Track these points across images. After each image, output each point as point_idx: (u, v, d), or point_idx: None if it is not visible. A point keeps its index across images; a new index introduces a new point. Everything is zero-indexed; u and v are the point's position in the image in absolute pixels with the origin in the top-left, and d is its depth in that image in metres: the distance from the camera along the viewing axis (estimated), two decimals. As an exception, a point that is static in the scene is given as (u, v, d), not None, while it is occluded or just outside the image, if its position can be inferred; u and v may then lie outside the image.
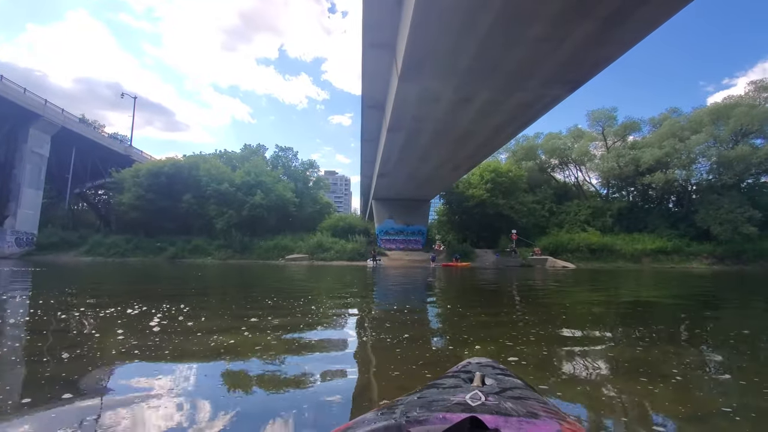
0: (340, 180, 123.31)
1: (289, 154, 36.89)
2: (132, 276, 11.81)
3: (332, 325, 4.08)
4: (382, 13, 8.83)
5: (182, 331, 3.34)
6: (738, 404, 1.95)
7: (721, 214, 25.66)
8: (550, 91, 10.12)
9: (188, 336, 3.20)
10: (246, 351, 2.79)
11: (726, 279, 13.85)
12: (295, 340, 3.21)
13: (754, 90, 29.00)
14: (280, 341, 3.10)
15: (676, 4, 6.67)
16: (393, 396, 1.91)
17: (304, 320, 4.12)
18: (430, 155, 16.70)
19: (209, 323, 3.79)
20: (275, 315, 4.29)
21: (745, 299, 7.70)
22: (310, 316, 4.44)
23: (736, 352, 3.11)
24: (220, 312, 4.70)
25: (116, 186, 30.60)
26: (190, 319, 3.95)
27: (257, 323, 3.77)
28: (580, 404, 1.91)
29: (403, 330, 3.58)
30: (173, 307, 4.58)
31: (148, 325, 3.52)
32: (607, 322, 4.59)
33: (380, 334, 3.42)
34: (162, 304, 4.79)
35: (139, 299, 5.33)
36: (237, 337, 3.19)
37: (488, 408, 0.66)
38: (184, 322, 3.77)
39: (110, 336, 3.12)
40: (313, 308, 5.09)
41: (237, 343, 3.00)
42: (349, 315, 4.76)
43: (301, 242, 26.38)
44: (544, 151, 35.73)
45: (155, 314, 4.05)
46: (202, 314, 4.35)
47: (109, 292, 7.13)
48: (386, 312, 5.07)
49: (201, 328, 3.53)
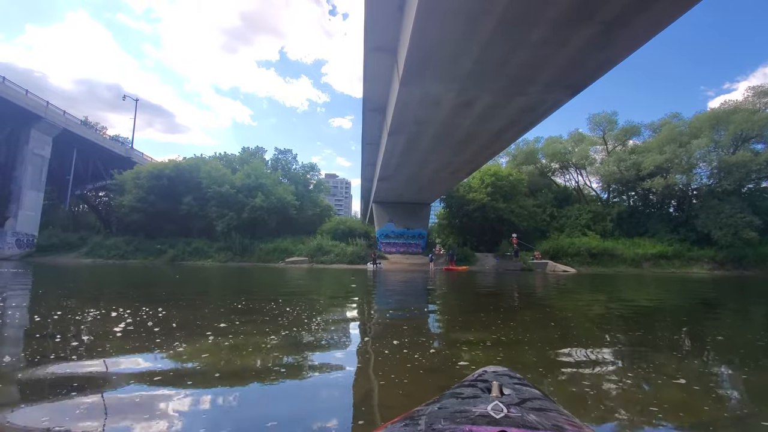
0: (340, 183, 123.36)
1: (288, 156, 36.92)
2: (118, 278, 11.79)
3: (331, 333, 4.05)
4: (383, 18, 8.85)
5: (145, 336, 3.33)
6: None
7: (722, 219, 25.58)
8: (552, 96, 10.13)
9: (151, 340, 3.18)
10: (245, 351, 2.78)
11: (727, 284, 13.81)
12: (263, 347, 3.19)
13: (753, 95, 28.93)
14: (274, 346, 3.09)
15: (677, 9, 6.69)
16: (399, 403, 1.90)
17: (292, 327, 4.11)
18: (431, 159, 16.71)
19: (209, 321, 3.78)
20: (267, 320, 4.27)
21: (745, 305, 7.67)
22: (286, 320, 4.42)
23: (740, 361, 3.10)
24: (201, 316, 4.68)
25: (117, 188, 30.60)
26: (162, 323, 3.95)
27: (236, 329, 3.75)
28: (596, 415, 1.89)
29: (403, 336, 3.56)
30: (148, 312, 4.57)
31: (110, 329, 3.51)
32: (612, 329, 4.58)
33: (381, 341, 3.40)
34: (141, 308, 4.78)
35: (113, 303, 5.32)
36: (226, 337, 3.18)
37: (513, 421, 0.66)
38: (152, 327, 3.75)
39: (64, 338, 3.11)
40: (302, 316, 5.07)
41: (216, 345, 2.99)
42: (350, 320, 4.74)
43: (302, 245, 26.34)
44: (545, 155, 35.69)
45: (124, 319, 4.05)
46: (176, 319, 4.33)
47: (86, 293, 7.12)
48: (386, 317, 5.06)
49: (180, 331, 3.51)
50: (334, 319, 4.62)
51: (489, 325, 4.35)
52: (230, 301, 6.03)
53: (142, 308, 4.69)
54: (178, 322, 3.93)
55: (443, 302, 7.21)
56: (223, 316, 4.57)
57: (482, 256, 26.30)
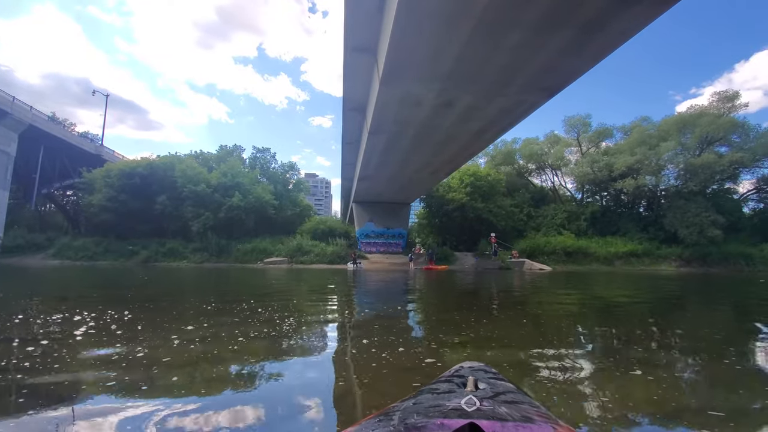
0: (320, 182, 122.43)
1: (266, 155, 36.39)
2: (83, 280, 11.35)
3: (304, 334, 4.00)
4: (363, 18, 8.81)
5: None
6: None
7: (688, 218, 26.79)
8: (529, 97, 10.33)
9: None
10: (222, 353, 2.71)
11: (692, 281, 14.44)
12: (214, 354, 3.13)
13: (717, 100, 30.46)
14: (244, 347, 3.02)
15: (648, 15, 6.93)
16: (377, 403, 1.88)
17: (263, 327, 4.04)
18: (411, 159, 16.77)
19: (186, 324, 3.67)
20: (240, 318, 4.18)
21: (708, 301, 8.04)
22: (258, 321, 4.35)
23: (705, 353, 3.23)
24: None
25: (86, 186, 29.31)
26: (126, 326, 3.82)
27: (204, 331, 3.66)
28: (566, 408, 1.93)
29: (380, 335, 3.55)
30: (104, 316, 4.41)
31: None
32: (585, 323, 4.70)
33: (360, 341, 3.38)
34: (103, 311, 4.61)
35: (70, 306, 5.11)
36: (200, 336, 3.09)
37: (484, 413, 0.67)
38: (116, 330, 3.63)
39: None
40: (274, 317, 5.00)
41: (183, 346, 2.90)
42: (326, 322, 4.69)
43: (281, 245, 25.97)
44: (522, 156, 36.52)
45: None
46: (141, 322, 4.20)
47: (49, 295, 6.82)
48: (363, 317, 5.03)
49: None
50: (308, 321, 4.51)
51: (466, 323, 4.39)
52: (200, 303, 5.84)
53: (108, 311, 4.52)
54: (143, 325, 3.80)
55: (421, 302, 7.24)
56: (192, 318, 4.43)
57: (461, 255, 26.62)
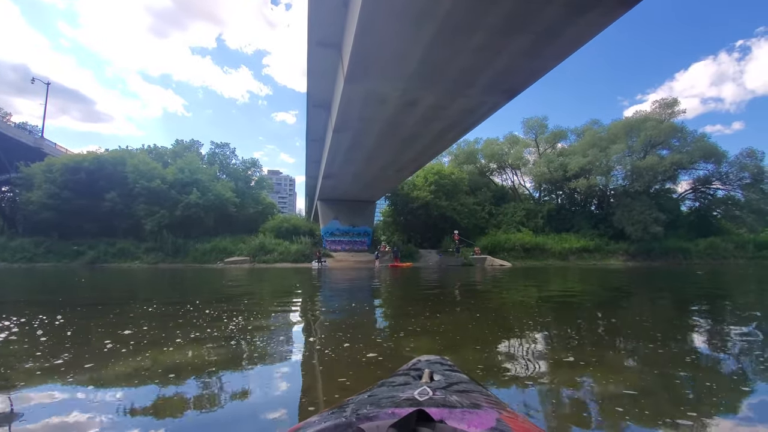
0: (284, 180, 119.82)
1: (226, 150, 35.06)
2: (15, 285, 10.50)
3: (256, 337, 3.90)
4: (328, 12, 8.70)
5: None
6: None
7: (633, 216, 28.86)
8: (490, 98, 10.64)
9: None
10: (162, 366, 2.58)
11: (637, 274, 15.51)
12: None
13: (659, 107, 33.16)
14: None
15: (600, 23, 7.32)
16: (339, 397, 1.86)
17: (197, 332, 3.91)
18: (376, 157, 16.78)
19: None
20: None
21: (650, 292, 8.68)
22: (204, 321, 4.22)
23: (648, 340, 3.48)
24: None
25: (24, 182, 26.90)
26: (53, 332, 3.59)
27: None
28: (517, 393, 2.01)
29: (346, 332, 3.53)
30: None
31: None
32: (543, 313, 4.92)
33: (324, 339, 3.34)
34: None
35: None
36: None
37: (435, 402, 0.69)
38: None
39: None
40: (222, 317, 4.87)
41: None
42: (293, 323, 4.61)
43: (242, 244, 25.15)
44: (484, 156, 37.67)
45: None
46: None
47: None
48: (330, 316, 4.99)
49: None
50: (257, 326, 4.10)
51: (427, 318, 4.46)
52: (145, 306, 5.51)
53: (38, 316, 4.20)
54: (74, 331, 3.57)
55: (386, 299, 7.29)
56: (132, 321, 4.21)
57: (426, 252, 27.03)
